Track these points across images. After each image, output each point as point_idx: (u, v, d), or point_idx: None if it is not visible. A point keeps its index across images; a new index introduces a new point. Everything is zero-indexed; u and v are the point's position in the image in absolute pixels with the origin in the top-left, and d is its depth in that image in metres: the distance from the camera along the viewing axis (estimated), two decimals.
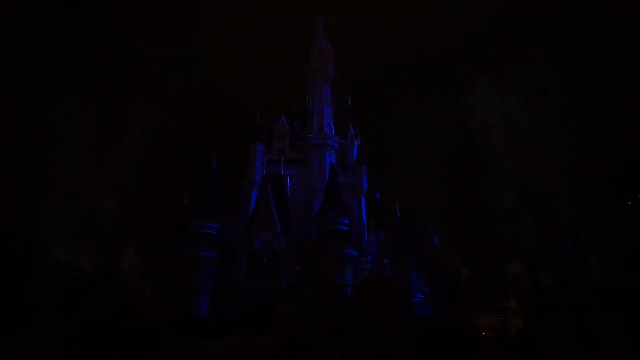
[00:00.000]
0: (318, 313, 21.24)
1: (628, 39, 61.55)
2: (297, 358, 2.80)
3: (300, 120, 54.86)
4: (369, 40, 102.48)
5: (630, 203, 25.90)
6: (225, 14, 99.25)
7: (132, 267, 29.77)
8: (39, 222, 28.39)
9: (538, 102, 26.76)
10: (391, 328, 15.22)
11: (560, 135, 25.64)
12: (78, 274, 26.19)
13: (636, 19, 57.98)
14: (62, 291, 25.17)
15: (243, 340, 18.30)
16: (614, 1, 66.28)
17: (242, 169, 50.47)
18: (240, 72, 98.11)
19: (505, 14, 78.42)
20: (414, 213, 43.17)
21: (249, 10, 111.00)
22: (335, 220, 40.59)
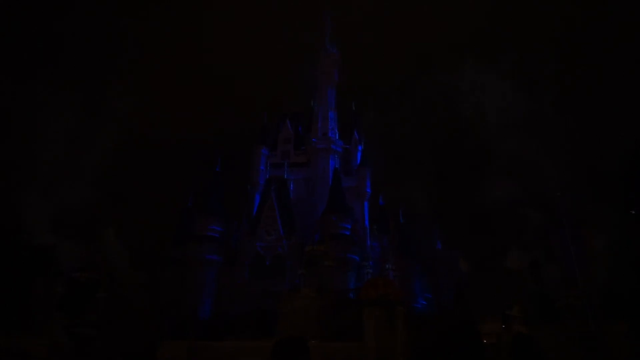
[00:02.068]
0: (321, 316, 21.28)
1: (627, 36, 61.26)
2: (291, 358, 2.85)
3: (304, 124, 54.98)
4: (374, 43, 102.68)
5: (634, 212, 25.81)
6: (232, 18, 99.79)
7: (114, 249, 29.93)
8: (25, 213, 28.73)
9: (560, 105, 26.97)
10: (394, 333, 15.24)
11: (556, 130, 25.78)
12: (82, 274, 26.36)
13: (635, 14, 57.65)
14: (67, 291, 25.33)
15: (246, 342, 18.34)
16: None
17: (246, 172, 50.60)
18: (246, 76, 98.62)
19: (503, 9, 78.55)
20: (417, 218, 43.11)
21: (256, 14, 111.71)
22: (339, 225, 40.57)
